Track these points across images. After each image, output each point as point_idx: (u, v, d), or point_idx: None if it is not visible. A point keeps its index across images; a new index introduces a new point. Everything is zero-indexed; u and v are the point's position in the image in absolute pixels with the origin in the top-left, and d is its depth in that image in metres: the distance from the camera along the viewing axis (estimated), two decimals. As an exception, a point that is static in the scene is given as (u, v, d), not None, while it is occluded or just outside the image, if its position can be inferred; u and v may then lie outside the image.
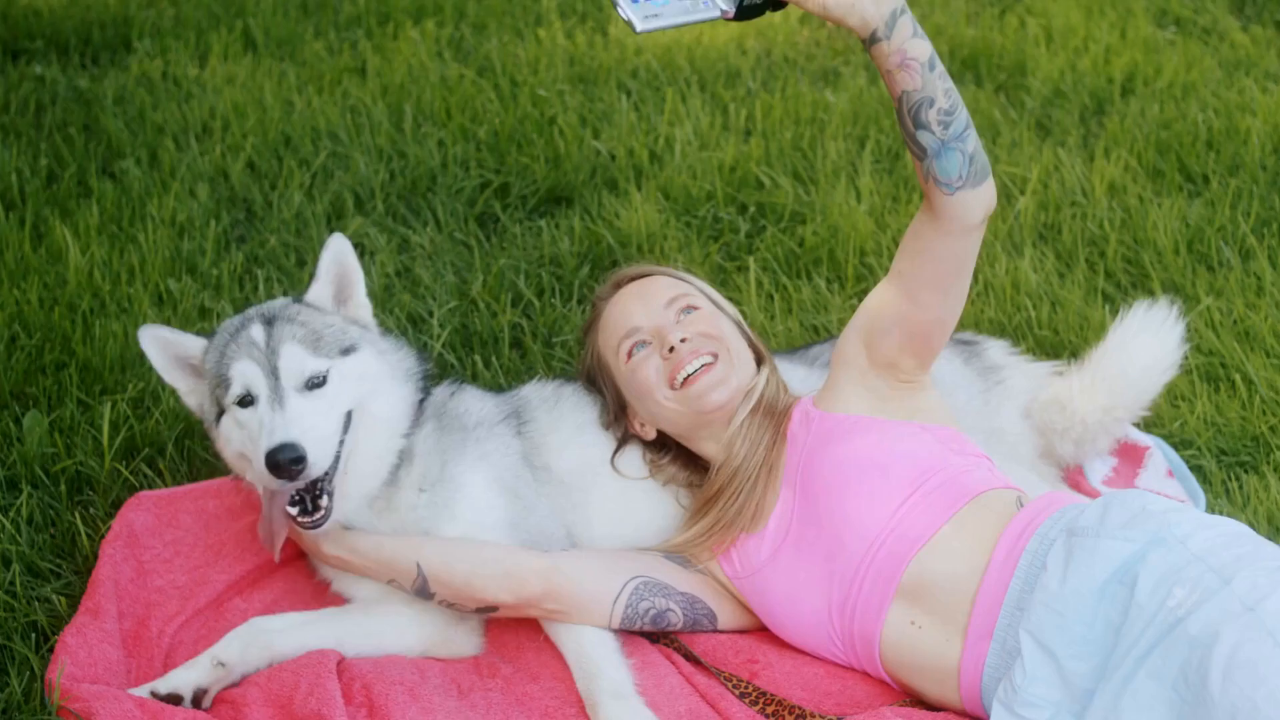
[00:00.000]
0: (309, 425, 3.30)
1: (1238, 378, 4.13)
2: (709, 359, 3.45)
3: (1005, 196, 5.00)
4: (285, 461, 3.22)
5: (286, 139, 5.42)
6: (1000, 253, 4.68)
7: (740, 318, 3.64)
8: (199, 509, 3.75)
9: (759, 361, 3.55)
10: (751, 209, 4.95)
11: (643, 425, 3.58)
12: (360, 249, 4.75)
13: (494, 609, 3.40)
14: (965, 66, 5.98)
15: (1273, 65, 5.96)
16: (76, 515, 3.71)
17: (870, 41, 2.98)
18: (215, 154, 5.29)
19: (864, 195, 4.98)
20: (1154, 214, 4.81)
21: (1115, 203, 4.95)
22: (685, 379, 3.43)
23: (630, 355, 3.52)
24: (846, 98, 5.61)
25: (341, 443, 3.37)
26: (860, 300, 4.44)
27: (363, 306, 3.62)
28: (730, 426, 3.44)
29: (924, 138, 3.07)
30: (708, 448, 3.50)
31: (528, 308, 4.52)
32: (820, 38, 6.24)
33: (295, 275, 4.64)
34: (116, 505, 3.76)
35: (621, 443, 3.63)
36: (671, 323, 3.50)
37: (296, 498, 3.33)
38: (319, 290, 3.58)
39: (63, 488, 3.81)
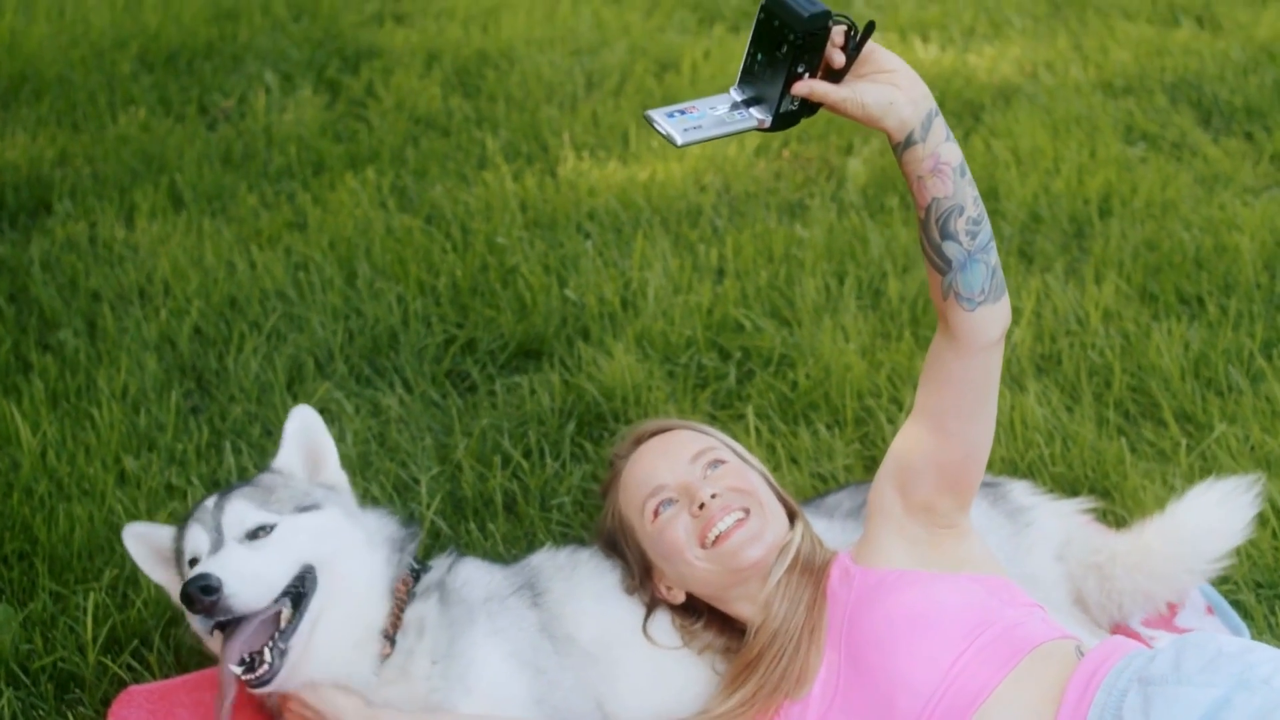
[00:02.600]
0: (238, 563, 3.34)
1: (1267, 506, 4.27)
2: (741, 514, 3.50)
3: (998, 328, 5.14)
4: (194, 590, 3.24)
5: (233, 301, 5.49)
6: (1002, 389, 4.81)
7: (767, 471, 3.72)
8: (195, 701, 3.76)
9: (791, 516, 3.63)
10: (737, 354, 5.06)
11: (670, 589, 3.62)
12: (328, 415, 4.82)
13: None
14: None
15: (1249, 178, 6.20)
16: (69, 716, 3.72)
17: (904, 145, 3.01)
18: (159, 320, 5.35)
19: (851, 334, 5.11)
20: (1155, 339, 4.98)
21: (1113, 329, 5.11)
22: (717, 537, 3.48)
23: (657, 515, 3.56)
24: (819, 232, 5.76)
25: (302, 598, 3.40)
26: (863, 445, 4.59)
27: (336, 474, 3.72)
28: (766, 586, 3.49)
29: (950, 249, 3.10)
30: (742, 609, 3.55)
31: (516, 469, 4.59)
32: (780, 169, 6.40)
33: (263, 446, 4.69)
34: (106, 702, 3.79)
35: (650, 608, 3.68)
36: (699, 478, 3.56)
37: (246, 658, 3.34)
38: (286, 457, 3.70)
39: (46, 687, 3.82)
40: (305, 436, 3.69)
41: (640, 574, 3.66)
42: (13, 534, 4.32)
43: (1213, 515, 3.98)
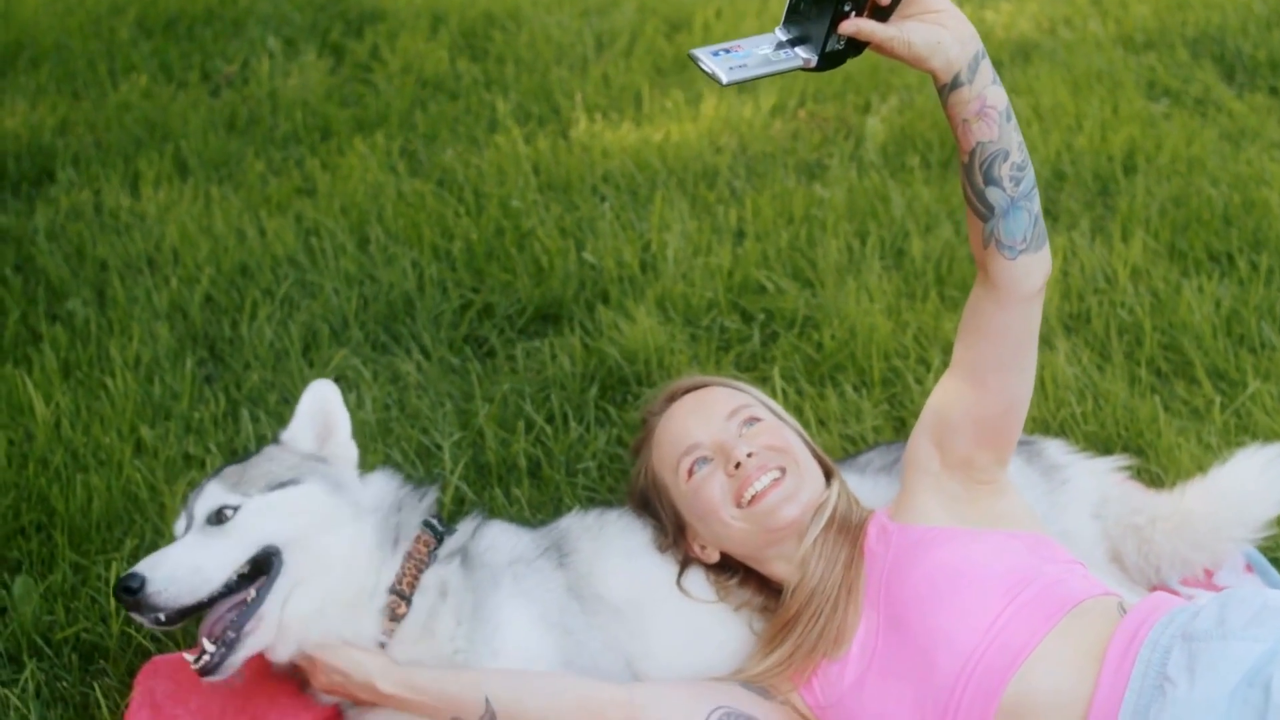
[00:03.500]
0: (175, 558, 3.44)
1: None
2: (777, 473, 3.52)
3: (1025, 287, 5.17)
4: (118, 591, 3.37)
5: (244, 268, 5.51)
6: (1033, 347, 4.84)
7: (802, 429, 3.74)
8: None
9: (827, 475, 3.66)
10: (759, 316, 5.08)
11: (704, 548, 3.65)
12: (346, 382, 4.85)
13: None
14: (955, 153, 6.17)
15: (1276, 134, 6.22)
16: (95, 686, 3.75)
17: (951, 87, 3.01)
18: (169, 289, 5.37)
19: (875, 294, 5.13)
20: (1185, 296, 5.00)
21: (1142, 287, 5.14)
22: (753, 496, 3.50)
23: (691, 473, 3.58)
24: (840, 192, 5.78)
25: (258, 584, 3.48)
26: (891, 405, 4.61)
27: (344, 446, 3.76)
28: (803, 545, 3.51)
29: (993, 195, 3.10)
30: (778, 569, 3.57)
31: (540, 434, 4.62)
32: (796, 129, 6.42)
33: (280, 413, 4.71)
34: (131, 673, 3.81)
35: (683, 567, 3.70)
36: (734, 436, 3.57)
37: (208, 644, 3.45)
38: (296, 429, 3.77)
39: (71, 657, 3.85)
40: (320, 410, 3.75)
41: (674, 533, 3.69)
42: (30, 505, 4.34)
43: (1257, 480, 3.98)
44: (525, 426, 4.64)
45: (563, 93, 6.83)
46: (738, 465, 3.52)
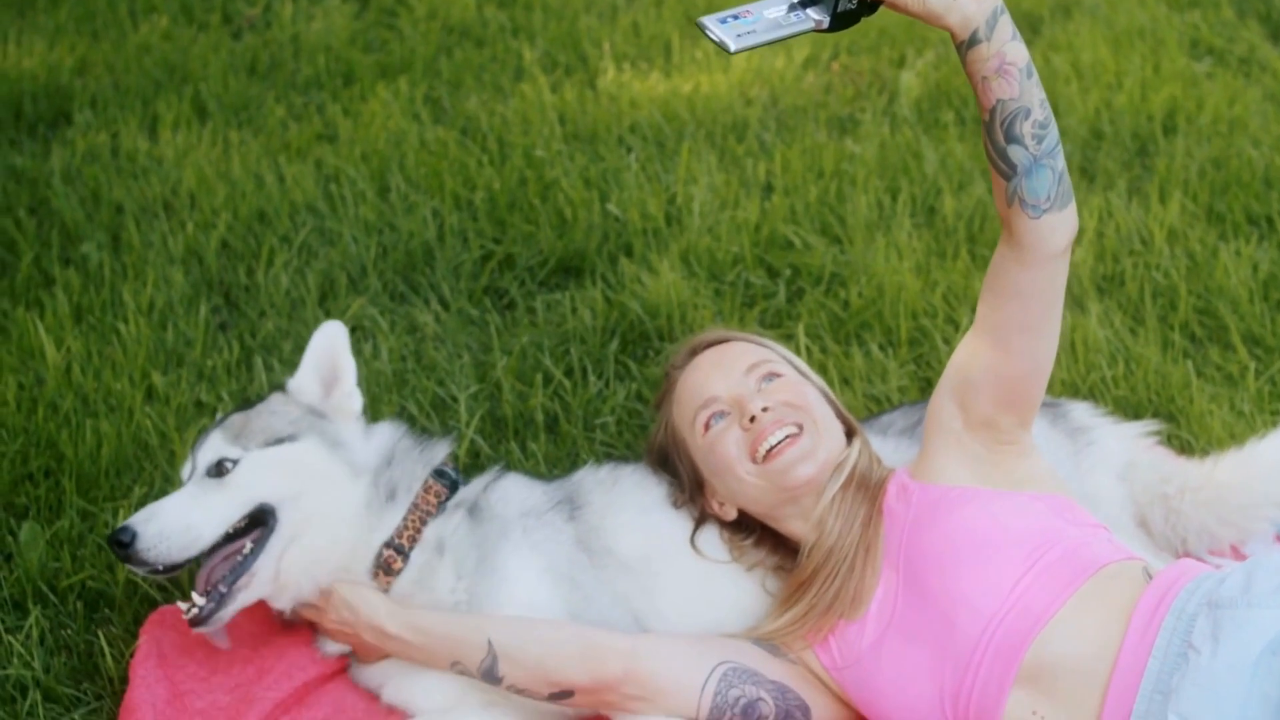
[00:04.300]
0: (168, 514, 3.56)
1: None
2: (794, 430, 3.52)
3: (1059, 248, 5.14)
4: (110, 541, 3.53)
5: (261, 214, 5.51)
6: (1064, 309, 4.80)
7: (826, 386, 3.73)
8: (230, 623, 3.81)
9: (850, 433, 3.65)
10: (786, 272, 5.07)
11: (721, 505, 3.66)
12: (362, 332, 4.85)
13: (569, 694, 3.43)
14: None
15: (1321, 96, 6.18)
16: (100, 635, 3.76)
17: (968, 44, 3.02)
18: (185, 234, 5.37)
19: (905, 252, 5.11)
20: (1222, 260, 4.97)
21: (1178, 249, 5.11)
22: (768, 452, 3.51)
23: (708, 427, 3.60)
24: (871, 147, 5.76)
25: (254, 537, 3.60)
26: (918, 366, 4.60)
27: (349, 396, 3.83)
28: (820, 503, 3.51)
29: (1015, 153, 3.10)
30: (795, 527, 3.57)
31: (558, 388, 4.62)
32: (829, 82, 6.40)
33: (294, 361, 4.69)
34: (138, 621, 3.83)
35: (698, 523, 3.71)
36: (752, 391, 3.58)
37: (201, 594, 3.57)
38: (301, 379, 3.85)
39: (76, 605, 3.87)
40: (328, 355, 3.82)
41: (691, 489, 3.70)
42: (38, 450, 4.36)
43: None
44: (543, 380, 4.64)
45: (591, 41, 6.80)
46: (753, 419, 3.53)
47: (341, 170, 5.75)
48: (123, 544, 3.50)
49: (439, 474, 3.78)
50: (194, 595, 3.57)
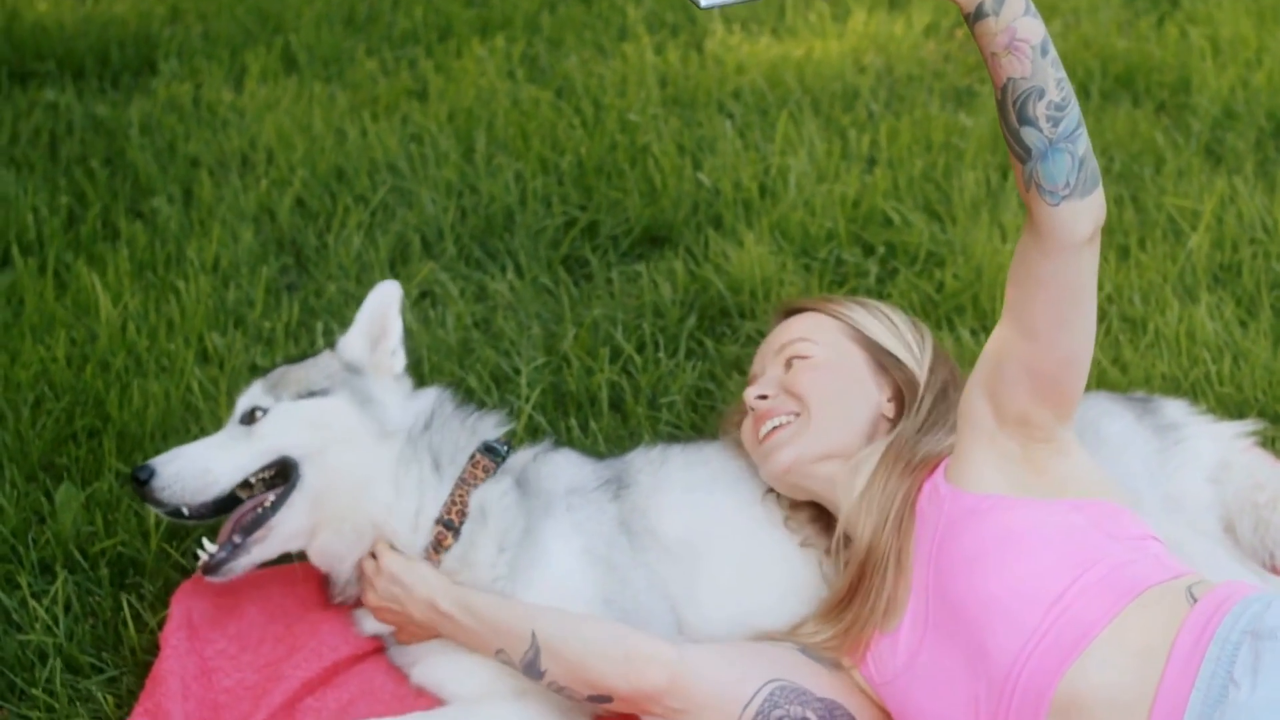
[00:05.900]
0: (188, 457, 3.66)
1: None
2: (786, 419, 3.61)
3: (1175, 233, 5.03)
4: (130, 476, 3.66)
5: (339, 172, 5.51)
6: (1171, 298, 4.70)
7: (894, 346, 3.74)
8: (263, 596, 3.81)
9: (899, 408, 3.68)
10: (880, 249, 4.99)
11: None
12: (431, 299, 4.84)
13: (607, 699, 3.40)
14: (1119, 84, 6.03)
15: None
16: (125, 602, 3.77)
17: (975, 17, 2.93)
18: (259, 189, 5.38)
19: (1010, 233, 5.02)
20: (1351, 252, 4.85)
21: (1304, 240, 4.99)
22: (763, 438, 3.63)
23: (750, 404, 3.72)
24: (985, 121, 5.66)
25: (278, 491, 3.64)
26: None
27: (392, 355, 3.86)
28: (851, 494, 3.52)
29: (1029, 136, 2.99)
30: (830, 497, 3.62)
31: (627, 364, 4.57)
32: (950, 51, 6.30)
33: (356, 327, 4.71)
34: (167, 590, 3.83)
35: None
36: (773, 375, 3.68)
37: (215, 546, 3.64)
38: (351, 338, 3.88)
39: (104, 572, 3.87)
40: (378, 312, 3.85)
41: None
42: (84, 409, 4.37)
43: None
44: (611, 355, 4.59)
45: (701, 1, 6.73)
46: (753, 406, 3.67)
47: (426, 128, 5.74)
48: (140, 480, 3.59)
49: (489, 449, 3.75)
50: (205, 543, 3.63)
